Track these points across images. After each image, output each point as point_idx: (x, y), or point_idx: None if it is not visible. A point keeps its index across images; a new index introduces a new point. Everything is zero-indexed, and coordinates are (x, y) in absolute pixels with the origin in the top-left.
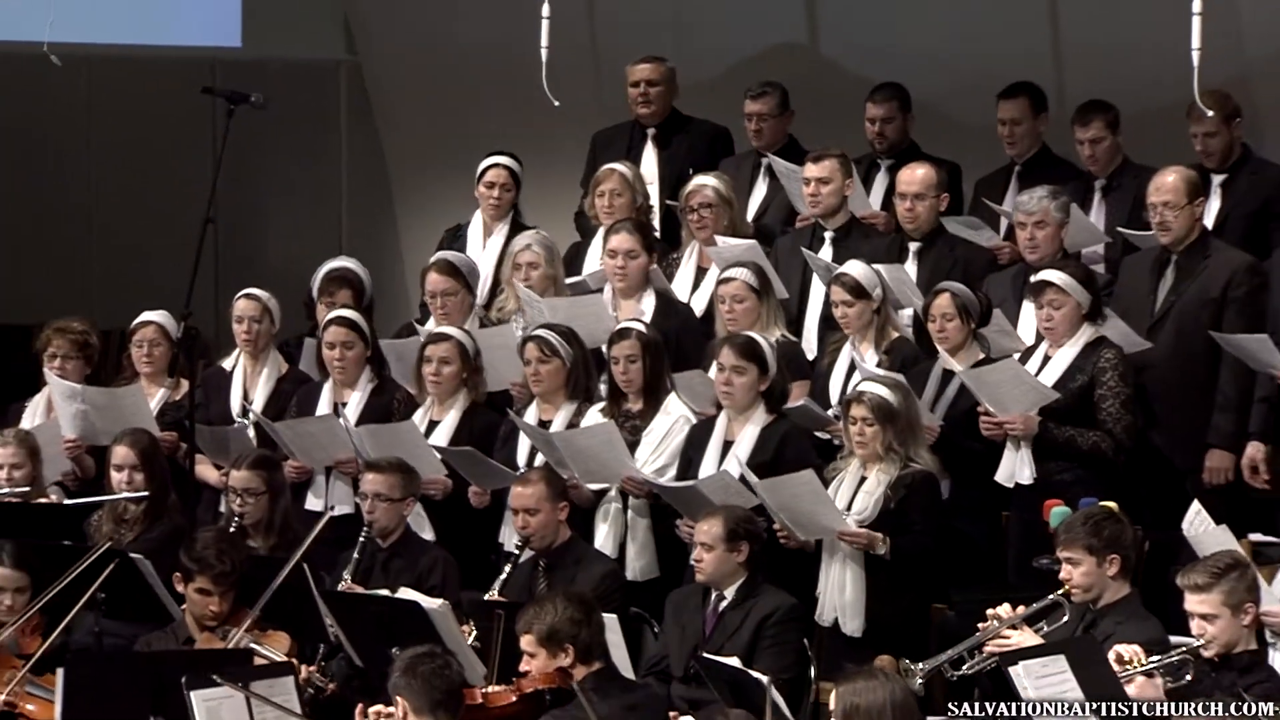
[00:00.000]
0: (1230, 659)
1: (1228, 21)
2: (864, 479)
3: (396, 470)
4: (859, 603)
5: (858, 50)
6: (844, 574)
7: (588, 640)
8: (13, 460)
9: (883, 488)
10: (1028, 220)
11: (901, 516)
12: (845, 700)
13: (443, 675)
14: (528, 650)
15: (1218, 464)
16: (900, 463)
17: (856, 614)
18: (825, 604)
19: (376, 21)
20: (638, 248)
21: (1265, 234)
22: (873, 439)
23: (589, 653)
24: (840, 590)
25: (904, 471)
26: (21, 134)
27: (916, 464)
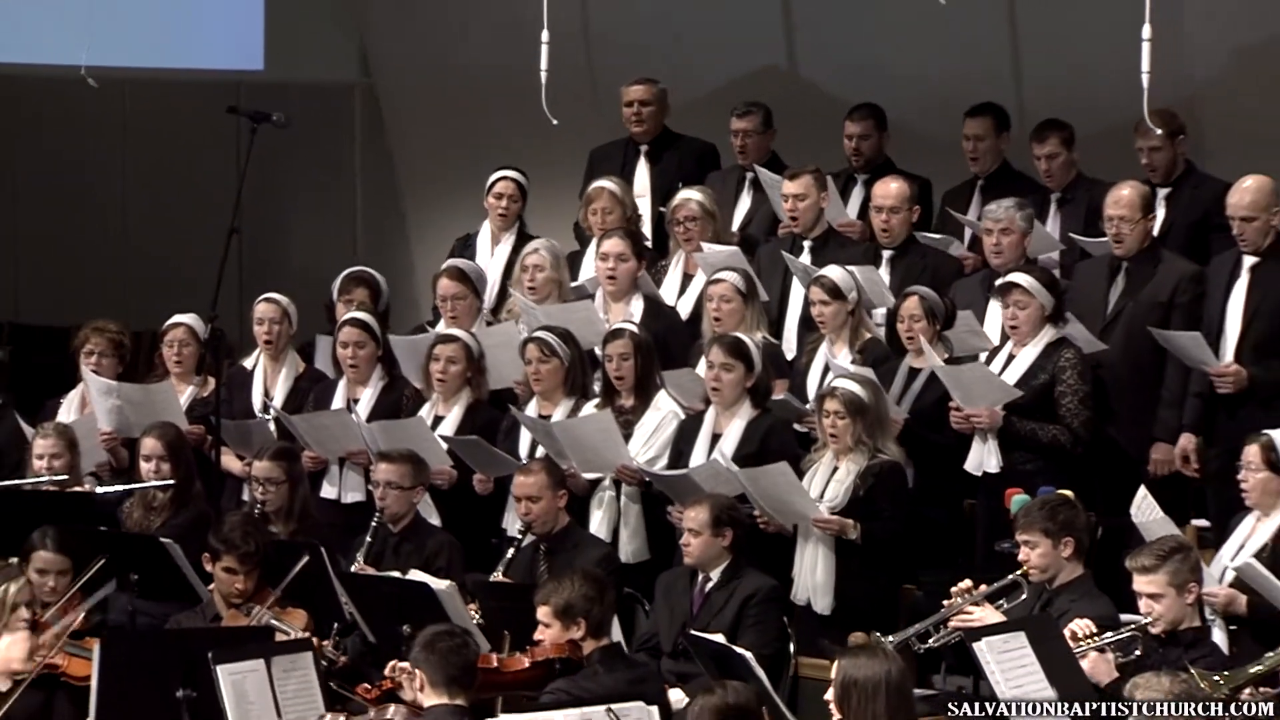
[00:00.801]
0: (1176, 635)
1: (1174, 46)
2: (836, 469)
3: (407, 460)
4: (829, 583)
5: (835, 73)
6: (816, 557)
7: (600, 616)
8: (52, 451)
9: (853, 477)
10: (994, 227)
11: (870, 504)
12: (844, 673)
13: (460, 653)
14: (543, 621)
15: (1163, 456)
16: (869, 454)
17: (826, 593)
18: (799, 585)
19: (389, 46)
20: (627, 252)
21: (1205, 242)
22: (844, 431)
23: (600, 628)
24: (812, 572)
25: (872, 461)
26: (61, 150)
27: (884, 455)
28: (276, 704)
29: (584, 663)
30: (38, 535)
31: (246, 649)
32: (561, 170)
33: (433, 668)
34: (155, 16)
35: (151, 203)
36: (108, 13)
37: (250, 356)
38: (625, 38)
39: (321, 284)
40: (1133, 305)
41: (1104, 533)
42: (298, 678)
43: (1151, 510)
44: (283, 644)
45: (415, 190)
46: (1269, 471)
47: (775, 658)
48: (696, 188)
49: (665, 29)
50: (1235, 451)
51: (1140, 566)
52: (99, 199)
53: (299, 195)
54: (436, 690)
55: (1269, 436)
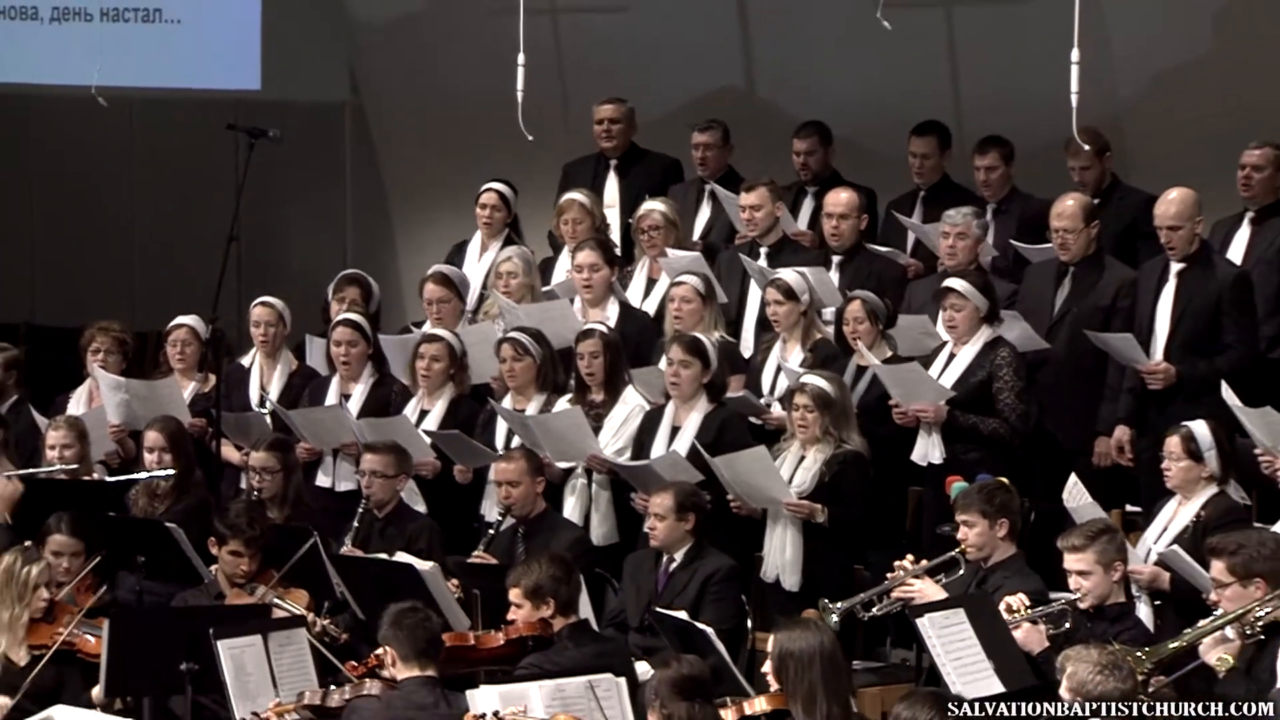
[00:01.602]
0: (1103, 610)
1: (1101, 69)
2: (803, 458)
3: (391, 451)
4: (797, 562)
5: (788, 93)
6: (785, 538)
7: (567, 596)
8: (64, 442)
9: (819, 465)
10: (951, 231)
11: (835, 490)
12: (780, 646)
13: (424, 627)
14: (515, 601)
15: (1106, 449)
16: (834, 444)
17: (794, 571)
18: (769, 563)
19: (377, 68)
20: (599, 262)
21: (1134, 250)
22: (812, 424)
23: (568, 606)
24: (781, 551)
25: (837, 451)
26: (73, 163)
27: (848, 445)
28: (273, 676)
29: (554, 639)
30: (53, 520)
31: (245, 625)
32: (537, 183)
33: (401, 643)
34: (160, 40)
35: (156, 212)
36: (116, 37)
37: (248, 355)
38: (595, 61)
39: (315, 287)
40: (1077, 308)
41: (1038, 517)
42: (292, 652)
43: (1081, 495)
44: (278, 620)
45: (401, 201)
46: (1189, 460)
47: (734, 632)
48: (660, 199)
49: (632, 53)
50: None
51: (1070, 546)
52: (108, 209)
53: (293, 205)
54: (408, 664)
55: (1188, 428)
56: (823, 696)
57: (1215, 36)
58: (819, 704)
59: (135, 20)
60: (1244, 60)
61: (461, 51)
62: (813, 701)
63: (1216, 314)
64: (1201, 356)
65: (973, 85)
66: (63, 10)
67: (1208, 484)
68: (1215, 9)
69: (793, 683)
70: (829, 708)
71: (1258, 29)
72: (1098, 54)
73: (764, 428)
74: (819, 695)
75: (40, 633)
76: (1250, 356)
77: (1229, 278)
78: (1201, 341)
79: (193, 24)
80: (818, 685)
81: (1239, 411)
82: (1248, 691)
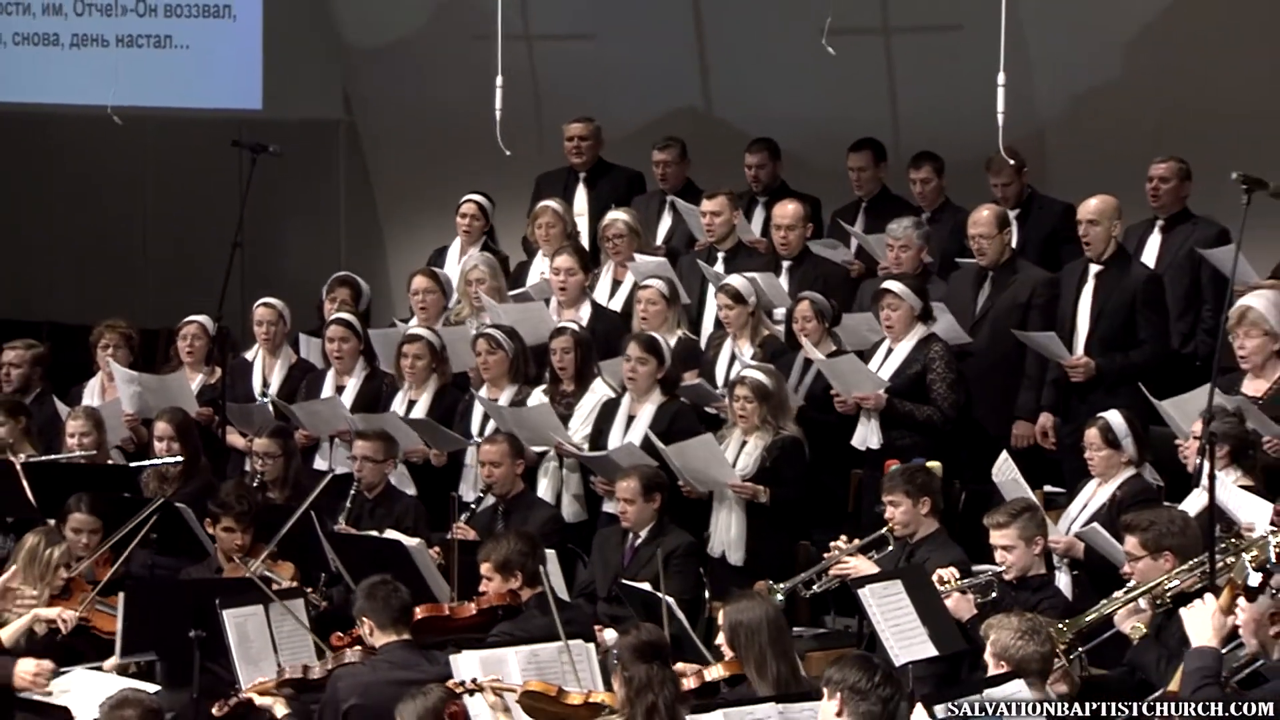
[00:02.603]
0: (1026, 581)
1: (1024, 91)
2: (745, 444)
3: (380, 438)
4: (741, 539)
5: (740, 112)
6: (730, 517)
7: (533, 568)
8: (83, 430)
9: (759, 450)
10: (895, 243)
11: (775, 473)
12: (730, 618)
13: (396, 596)
14: (485, 575)
15: (1022, 432)
16: (773, 431)
17: (739, 548)
18: (715, 540)
19: (368, 89)
20: (575, 267)
21: (1057, 254)
22: (751, 413)
23: (534, 578)
24: (727, 530)
25: (776, 438)
26: (90, 177)
27: (785, 432)
28: (274, 642)
29: (522, 608)
30: (73, 500)
31: (249, 596)
32: (512, 194)
33: (377, 613)
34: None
35: (167, 221)
36: (130, 61)
37: (251, 350)
38: (566, 84)
39: (312, 288)
40: (996, 307)
41: (968, 497)
42: (292, 621)
43: (1010, 471)
44: (279, 592)
45: (389, 209)
46: (1108, 449)
47: (693, 602)
48: (624, 209)
49: (599, 76)
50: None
51: (995, 523)
52: (122, 218)
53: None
54: (385, 631)
55: (1105, 420)
56: (772, 659)
57: (1125, 63)
58: (769, 667)
59: (148, 46)
60: (1151, 84)
61: (445, 74)
62: (764, 665)
63: (1132, 312)
64: (1119, 350)
65: (908, 105)
66: (81, 37)
67: (1125, 467)
68: (1126, 39)
69: (744, 649)
70: (778, 669)
71: (1162, 57)
72: (1021, 78)
73: (718, 416)
74: (769, 659)
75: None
76: (1163, 351)
77: (1142, 279)
78: (1118, 337)
79: (200, 49)
80: (767, 650)
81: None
82: (1159, 656)
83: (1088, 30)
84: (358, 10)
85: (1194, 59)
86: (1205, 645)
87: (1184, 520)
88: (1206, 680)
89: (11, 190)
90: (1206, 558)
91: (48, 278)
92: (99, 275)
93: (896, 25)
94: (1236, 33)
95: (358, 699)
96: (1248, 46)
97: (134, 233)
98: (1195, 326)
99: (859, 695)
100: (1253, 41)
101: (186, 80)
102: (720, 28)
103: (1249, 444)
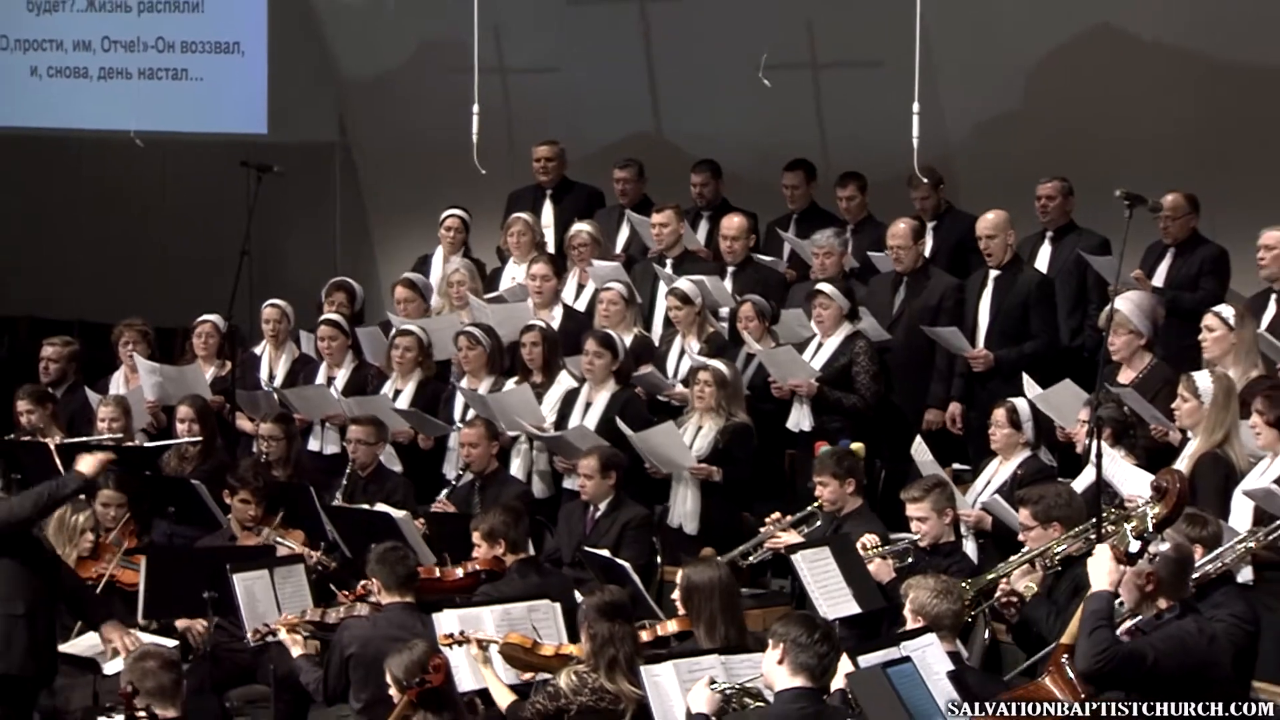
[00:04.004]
0: (938, 547)
1: (935, 118)
2: (701, 428)
3: (371, 423)
4: (696, 512)
5: (686, 137)
6: (687, 493)
7: (516, 537)
8: (112, 415)
9: (714, 434)
10: (819, 251)
11: (727, 455)
12: (687, 579)
13: (404, 562)
14: (475, 542)
15: (933, 418)
16: (725, 417)
17: (694, 520)
18: (674, 513)
19: (360, 116)
20: (550, 273)
21: (965, 262)
22: (710, 397)
23: (516, 546)
24: (684, 504)
25: (728, 423)
26: (114, 193)
27: (736, 419)
28: (277, 602)
29: (505, 573)
30: (102, 477)
31: (255, 561)
32: (487, 207)
33: (386, 575)
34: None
35: (182, 231)
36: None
37: (258, 345)
38: (534, 111)
39: (311, 291)
40: (911, 308)
41: (887, 474)
42: (293, 582)
43: (925, 451)
44: (281, 558)
45: (379, 221)
46: (1011, 428)
47: (646, 567)
48: (587, 221)
49: (564, 105)
50: (987, 413)
51: (911, 497)
52: (143, 228)
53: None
54: (390, 592)
55: (1012, 403)
56: (721, 620)
57: (1021, 94)
58: (718, 626)
59: (166, 78)
60: (1043, 113)
61: (428, 103)
62: (714, 625)
63: (1025, 310)
64: (1014, 344)
65: (834, 131)
66: (108, 70)
67: (1024, 448)
68: (1022, 74)
69: (697, 609)
70: (726, 629)
71: (1054, 90)
72: (933, 107)
73: (668, 404)
74: (718, 619)
75: (86, 567)
76: (1052, 344)
77: (1033, 281)
78: (1013, 332)
79: (212, 81)
80: (717, 612)
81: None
82: (1048, 611)
83: (990, 66)
84: (352, 46)
85: (1079, 91)
86: (1102, 590)
87: (1070, 494)
88: (1101, 621)
89: (45, 204)
90: (1093, 525)
91: (77, 280)
92: (122, 278)
93: (824, 61)
94: (1114, 69)
95: (357, 649)
96: (1124, 80)
97: (153, 241)
98: (1083, 323)
99: (800, 648)
100: (1128, 76)
101: (200, 108)
102: (669, 63)
103: (1129, 426)
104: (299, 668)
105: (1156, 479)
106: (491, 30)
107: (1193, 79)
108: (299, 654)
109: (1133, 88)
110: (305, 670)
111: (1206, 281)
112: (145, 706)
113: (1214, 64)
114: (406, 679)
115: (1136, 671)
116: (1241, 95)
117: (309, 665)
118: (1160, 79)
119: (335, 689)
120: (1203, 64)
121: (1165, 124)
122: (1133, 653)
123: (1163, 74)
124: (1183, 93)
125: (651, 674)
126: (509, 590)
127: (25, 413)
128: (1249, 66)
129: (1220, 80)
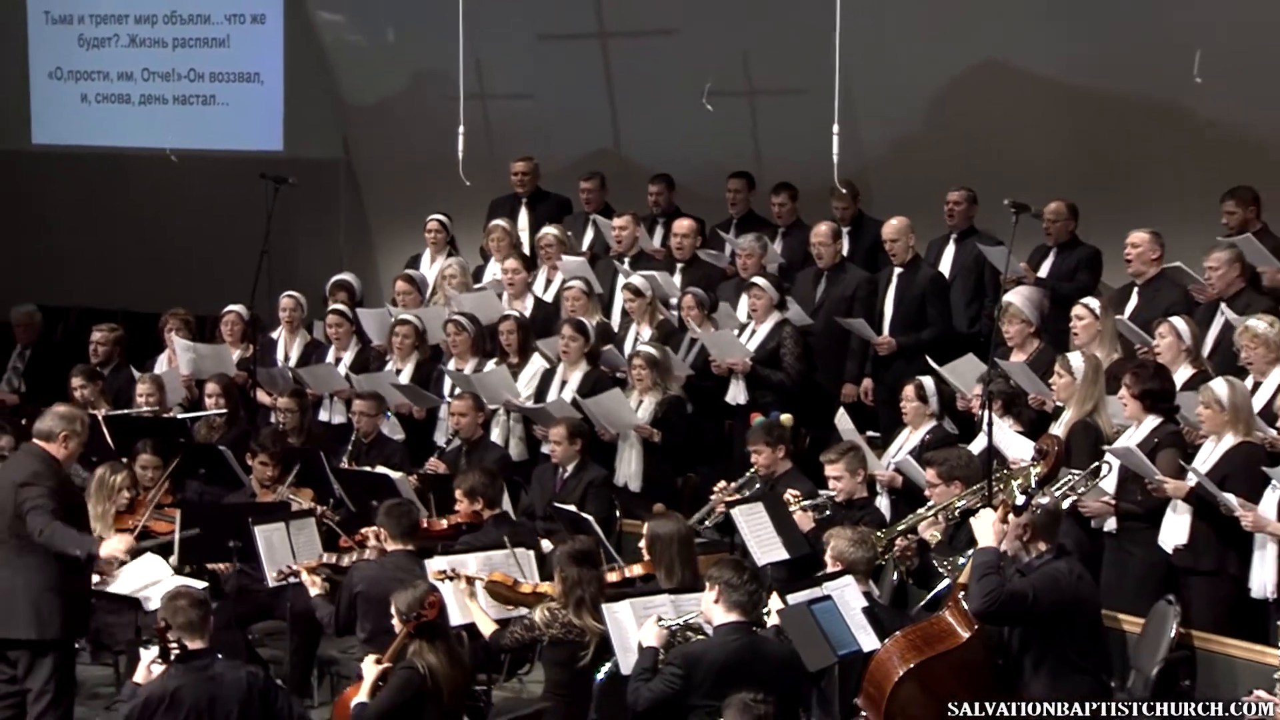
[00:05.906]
0: (852, 502)
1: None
2: (642, 401)
3: (373, 398)
4: (639, 472)
5: (643, 153)
6: (631, 454)
7: (493, 495)
8: (149, 391)
9: (653, 405)
10: (742, 252)
11: (665, 422)
12: (652, 530)
13: (409, 515)
14: (458, 499)
15: (848, 392)
16: (662, 391)
17: (638, 478)
18: (620, 473)
19: (362, 136)
20: (521, 269)
21: (876, 260)
22: (644, 376)
23: (493, 502)
24: (629, 464)
25: (665, 396)
26: (153, 202)
27: (671, 392)
28: (292, 550)
29: (483, 525)
30: (141, 443)
31: (273, 515)
32: (471, 214)
33: (392, 525)
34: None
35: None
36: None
37: (276, 330)
38: (512, 130)
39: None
40: (830, 299)
41: (811, 440)
42: (306, 533)
43: (847, 420)
44: (296, 513)
45: (378, 226)
46: (919, 402)
47: (607, 520)
48: (555, 225)
49: (537, 126)
50: (893, 389)
51: (828, 459)
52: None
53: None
54: (395, 540)
55: (920, 381)
56: (679, 565)
57: (926, 119)
58: (676, 571)
59: (197, 104)
60: (944, 134)
61: (421, 125)
62: (672, 569)
63: (922, 302)
64: (914, 331)
65: (768, 148)
66: (147, 97)
67: (930, 418)
68: (927, 101)
69: (659, 556)
70: (683, 573)
71: (953, 114)
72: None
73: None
74: (676, 564)
75: (124, 520)
76: (946, 331)
77: (929, 277)
78: (912, 322)
79: (236, 106)
80: (675, 558)
81: (944, 369)
82: (950, 556)
83: (898, 94)
84: (355, 77)
85: (974, 116)
86: (988, 545)
87: (969, 457)
88: (989, 570)
89: (95, 212)
90: (986, 484)
91: (121, 275)
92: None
93: (760, 89)
94: (1003, 97)
95: (363, 587)
96: (1012, 107)
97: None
98: (980, 313)
99: (732, 588)
100: (1015, 103)
101: (225, 129)
102: (627, 90)
103: (1015, 398)
104: (315, 604)
105: (1038, 443)
106: (474, 63)
107: (1070, 106)
108: (315, 593)
109: (1019, 113)
110: (320, 606)
111: (1083, 276)
112: (177, 639)
113: (1087, 93)
114: (408, 612)
115: (1019, 608)
116: (1112, 120)
117: (323, 602)
118: (1042, 105)
119: (345, 622)
120: (1078, 93)
121: (1048, 144)
122: (1015, 592)
123: (1044, 101)
124: (1061, 117)
125: (611, 611)
126: (486, 540)
127: (79, 388)
128: (1117, 95)
129: (1093, 107)
